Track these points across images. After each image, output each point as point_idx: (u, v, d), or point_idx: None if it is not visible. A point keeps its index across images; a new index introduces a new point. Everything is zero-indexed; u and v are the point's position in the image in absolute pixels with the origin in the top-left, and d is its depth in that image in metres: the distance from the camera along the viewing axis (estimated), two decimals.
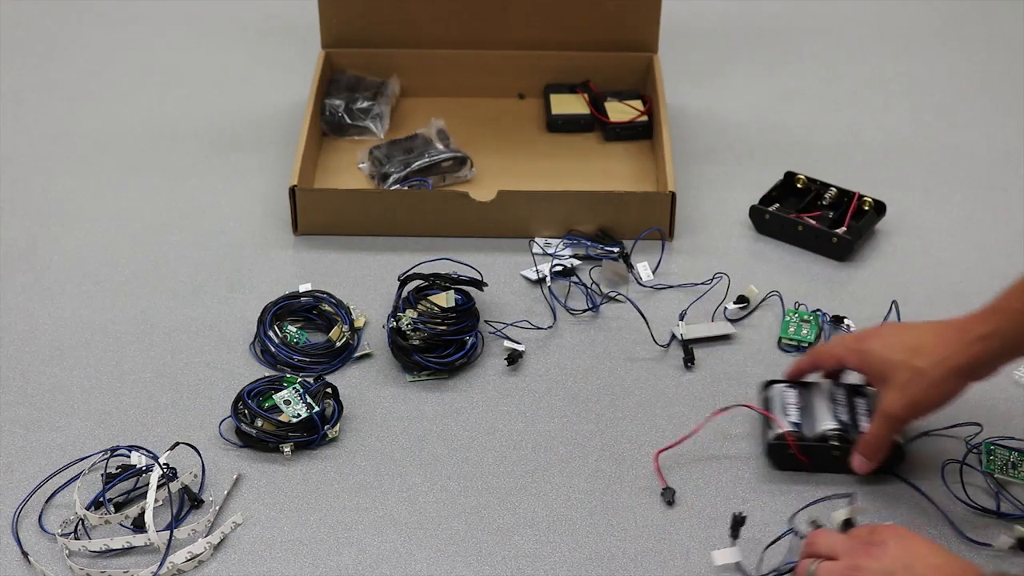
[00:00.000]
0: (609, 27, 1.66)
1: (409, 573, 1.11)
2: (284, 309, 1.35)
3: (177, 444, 1.18)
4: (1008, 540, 1.11)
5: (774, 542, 1.11)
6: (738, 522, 1.11)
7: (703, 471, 1.19)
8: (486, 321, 1.35)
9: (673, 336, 1.34)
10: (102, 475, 1.16)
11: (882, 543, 1.00)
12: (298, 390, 1.23)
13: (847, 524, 1.09)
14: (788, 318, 1.36)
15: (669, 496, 1.15)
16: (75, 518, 1.13)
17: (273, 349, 1.31)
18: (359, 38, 1.68)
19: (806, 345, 1.32)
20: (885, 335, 1.16)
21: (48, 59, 1.82)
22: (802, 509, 1.13)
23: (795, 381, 1.23)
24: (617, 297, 1.39)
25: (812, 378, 1.23)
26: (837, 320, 1.35)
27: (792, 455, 1.17)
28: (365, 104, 1.62)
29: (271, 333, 1.32)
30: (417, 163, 1.52)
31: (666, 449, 1.19)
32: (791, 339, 1.34)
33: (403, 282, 1.34)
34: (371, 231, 1.48)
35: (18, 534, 1.13)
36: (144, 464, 1.17)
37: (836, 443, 1.17)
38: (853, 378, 1.23)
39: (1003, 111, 1.72)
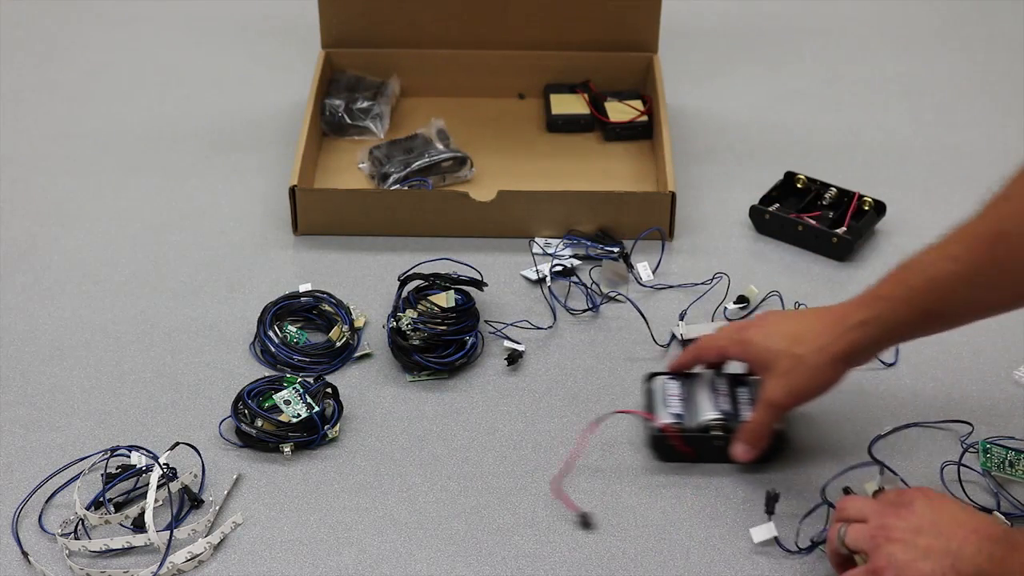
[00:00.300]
0: (609, 27, 1.66)
1: (409, 573, 1.11)
2: (284, 309, 1.35)
3: (177, 444, 1.18)
4: None
5: (808, 514, 1.12)
6: (772, 498, 1.12)
7: (702, 471, 1.19)
8: (486, 321, 1.35)
9: (673, 336, 1.34)
10: (102, 475, 1.16)
11: (909, 503, 1.02)
12: (298, 390, 1.23)
13: (877, 494, 1.12)
14: None
15: (586, 521, 1.15)
16: (75, 518, 1.13)
17: (273, 349, 1.31)
18: (359, 38, 1.68)
19: None
20: (766, 324, 1.17)
21: (48, 59, 1.82)
22: (834, 479, 1.14)
23: (678, 373, 1.24)
24: (617, 297, 1.39)
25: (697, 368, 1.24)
26: None
27: (674, 446, 1.19)
28: (365, 104, 1.62)
29: (271, 333, 1.32)
30: (417, 163, 1.52)
31: (560, 476, 1.18)
32: None
33: (403, 282, 1.34)
34: (371, 231, 1.48)
35: (18, 534, 1.13)
36: (144, 464, 1.17)
37: (719, 433, 1.19)
38: (735, 368, 1.23)
39: (1003, 111, 1.72)
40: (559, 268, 1.42)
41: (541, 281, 1.41)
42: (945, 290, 1.07)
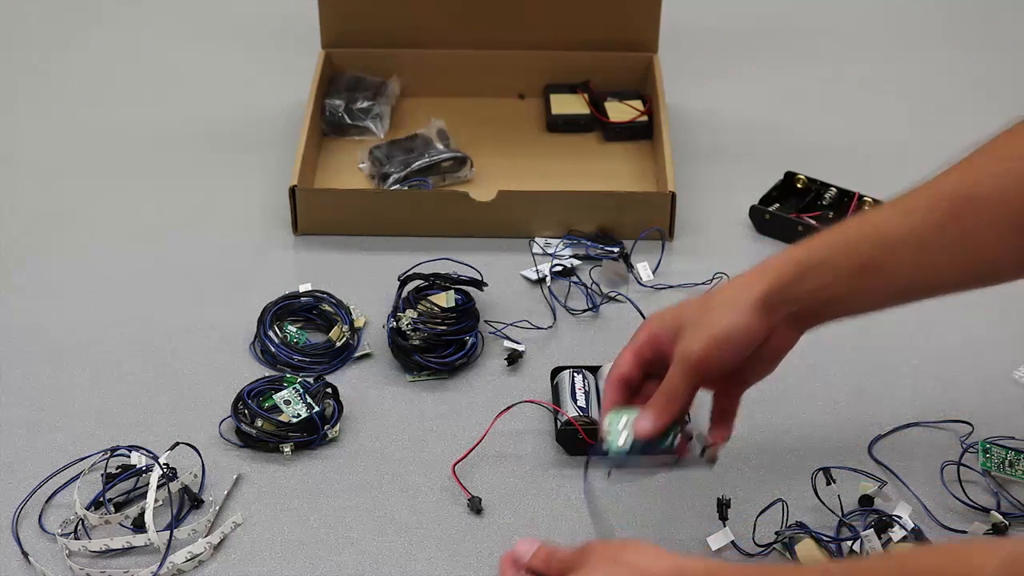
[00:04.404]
0: (609, 27, 1.66)
1: (409, 573, 1.11)
2: (284, 309, 1.35)
3: (177, 444, 1.18)
4: (983, 526, 1.12)
5: (764, 511, 1.12)
6: (724, 504, 1.12)
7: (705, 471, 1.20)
8: (486, 321, 1.35)
9: None
10: (102, 475, 1.16)
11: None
12: (298, 390, 1.23)
13: (865, 500, 1.13)
14: None
15: (476, 505, 1.15)
16: (75, 518, 1.13)
17: (273, 349, 1.31)
18: (359, 38, 1.68)
19: None
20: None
21: (48, 59, 1.82)
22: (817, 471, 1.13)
23: (582, 366, 1.25)
24: (617, 297, 1.39)
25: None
26: None
27: (582, 439, 1.19)
28: (365, 104, 1.62)
29: (271, 333, 1.32)
30: (417, 163, 1.52)
31: (460, 460, 1.19)
32: None
33: (403, 282, 1.34)
34: (371, 231, 1.48)
35: (18, 534, 1.13)
36: (144, 464, 1.17)
37: None
38: None
39: (1003, 111, 1.71)
40: (559, 268, 1.42)
41: (541, 281, 1.41)
42: (891, 243, 0.97)
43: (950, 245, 0.96)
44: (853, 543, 1.10)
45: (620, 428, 0.99)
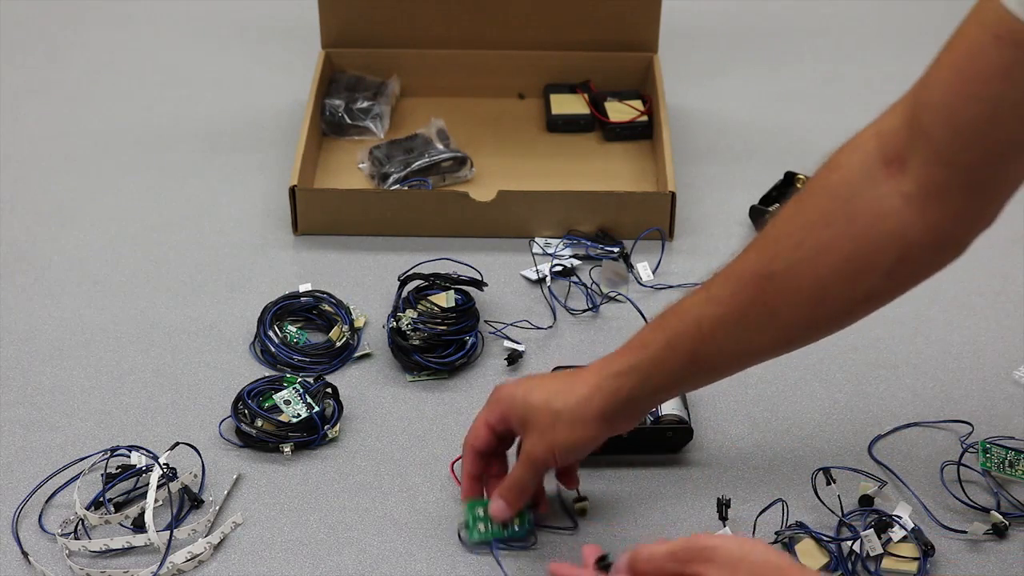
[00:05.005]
0: (609, 27, 1.66)
1: (409, 573, 1.11)
2: (284, 309, 1.35)
3: (177, 444, 1.18)
4: (982, 526, 1.12)
5: (764, 510, 1.13)
6: (724, 504, 1.12)
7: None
8: (486, 321, 1.35)
9: None
10: (102, 475, 1.16)
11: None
12: (298, 390, 1.23)
13: (865, 500, 1.13)
14: None
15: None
16: (75, 518, 1.14)
17: (273, 349, 1.31)
18: (359, 38, 1.68)
19: None
20: (525, 381, 1.11)
21: (48, 59, 1.82)
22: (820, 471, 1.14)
23: (582, 366, 1.23)
24: (617, 297, 1.39)
25: None
26: None
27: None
28: (365, 104, 1.62)
29: (271, 333, 1.32)
30: (417, 163, 1.52)
31: (460, 460, 1.17)
32: None
33: (403, 282, 1.34)
34: (371, 231, 1.48)
35: (18, 534, 1.13)
36: (144, 464, 1.17)
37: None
38: None
39: None
40: (559, 268, 1.42)
41: (541, 281, 1.41)
42: (710, 334, 1.01)
43: (759, 324, 1.01)
44: (853, 543, 1.10)
45: (478, 519, 1.11)
